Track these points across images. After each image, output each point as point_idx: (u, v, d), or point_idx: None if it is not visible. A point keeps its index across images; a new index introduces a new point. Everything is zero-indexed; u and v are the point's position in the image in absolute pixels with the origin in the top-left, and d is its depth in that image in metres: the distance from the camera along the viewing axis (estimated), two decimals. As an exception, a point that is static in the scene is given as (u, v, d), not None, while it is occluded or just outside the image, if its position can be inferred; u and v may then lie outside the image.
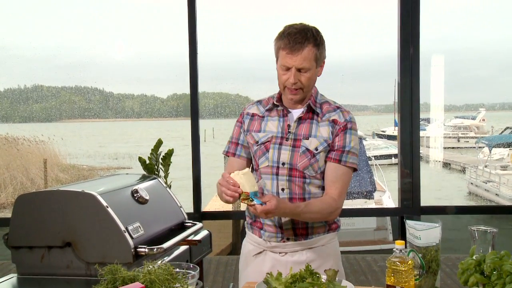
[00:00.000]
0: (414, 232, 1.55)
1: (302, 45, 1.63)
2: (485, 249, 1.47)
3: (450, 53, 15.85)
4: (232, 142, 1.86)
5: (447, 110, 16.74)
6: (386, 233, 8.25)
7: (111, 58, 19.33)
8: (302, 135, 1.74)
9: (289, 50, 1.64)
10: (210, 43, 3.37)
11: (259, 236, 1.82)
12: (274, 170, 1.75)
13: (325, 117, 1.75)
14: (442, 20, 12.99)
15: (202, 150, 3.02)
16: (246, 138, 1.82)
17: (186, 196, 2.50)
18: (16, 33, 16.49)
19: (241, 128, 1.85)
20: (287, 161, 1.73)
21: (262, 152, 1.76)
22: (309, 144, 1.73)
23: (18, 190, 9.92)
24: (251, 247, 1.85)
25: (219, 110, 11.38)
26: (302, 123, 1.75)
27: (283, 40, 1.65)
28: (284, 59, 1.66)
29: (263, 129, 1.78)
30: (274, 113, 1.80)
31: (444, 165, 15.68)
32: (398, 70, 2.95)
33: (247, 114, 1.84)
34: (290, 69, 1.66)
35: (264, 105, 1.82)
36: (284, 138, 1.75)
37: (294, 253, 1.78)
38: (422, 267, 1.53)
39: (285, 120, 1.77)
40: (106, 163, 15.58)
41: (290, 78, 1.66)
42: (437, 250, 1.54)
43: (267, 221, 1.78)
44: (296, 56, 1.64)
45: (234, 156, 1.84)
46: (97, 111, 15.51)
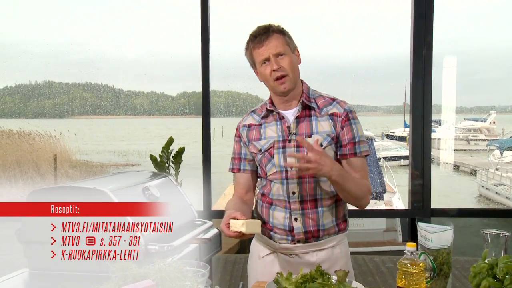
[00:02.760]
0: (426, 234, 1.54)
1: (267, 35, 1.69)
2: (497, 253, 1.46)
3: (462, 55, 15.69)
4: (235, 158, 1.86)
5: (457, 112, 16.60)
6: (395, 234, 8.20)
7: (122, 55, 19.41)
8: (304, 134, 1.73)
9: (259, 43, 1.69)
10: (222, 41, 3.36)
11: (269, 237, 1.81)
12: (283, 175, 1.74)
13: (324, 112, 1.74)
14: (455, 21, 12.89)
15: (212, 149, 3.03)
16: (248, 149, 1.81)
17: (196, 194, 2.50)
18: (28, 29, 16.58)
19: (240, 142, 1.85)
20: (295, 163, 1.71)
21: (267, 159, 1.76)
22: (313, 142, 1.71)
23: (29, 185, 10.00)
24: (261, 248, 1.85)
25: (230, 109, 11.38)
26: (301, 121, 1.74)
27: (251, 42, 1.71)
28: (259, 55, 1.70)
29: (263, 137, 1.78)
30: (270, 118, 1.79)
31: (454, 167, 15.57)
32: (410, 71, 2.93)
33: (243, 126, 1.84)
34: (269, 59, 1.68)
35: (259, 114, 1.82)
36: (287, 141, 1.74)
37: (304, 255, 1.78)
38: (433, 269, 1.52)
39: (283, 123, 1.75)
40: (115, 160, 15.61)
41: (272, 65, 1.68)
42: (448, 253, 1.54)
43: (277, 225, 1.78)
44: (266, 45, 1.68)
45: (239, 172, 1.85)
46: (109, 108, 15.58)
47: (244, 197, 1.85)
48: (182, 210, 2.09)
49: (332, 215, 1.78)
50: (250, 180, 1.85)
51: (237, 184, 1.87)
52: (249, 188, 1.86)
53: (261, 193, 1.84)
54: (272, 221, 1.79)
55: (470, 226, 4.24)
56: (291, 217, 1.75)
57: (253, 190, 1.88)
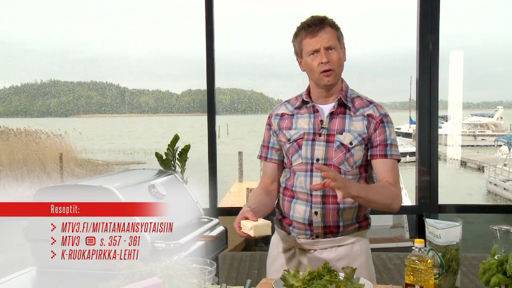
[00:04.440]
0: (434, 230, 1.53)
1: (322, 26, 1.68)
2: (507, 249, 1.44)
3: (469, 50, 15.56)
4: (264, 146, 1.89)
5: (464, 108, 16.49)
6: (402, 231, 8.18)
7: (127, 53, 19.42)
8: (335, 130, 1.74)
9: (311, 34, 1.68)
10: (227, 39, 3.36)
11: (288, 232, 1.81)
12: (308, 167, 1.74)
13: (359, 112, 1.76)
14: (461, 16, 12.77)
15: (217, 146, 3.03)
16: (278, 138, 1.82)
17: (202, 192, 2.50)
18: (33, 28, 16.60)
19: (270, 131, 1.85)
20: (322, 157, 1.73)
21: (294, 149, 1.76)
22: (344, 139, 1.73)
23: (35, 184, 10.04)
24: (280, 243, 1.85)
25: (235, 106, 11.37)
26: (335, 118, 1.75)
27: (303, 31, 1.70)
28: (309, 45, 1.69)
29: (294, 127, 1.78)
30: (303, 110, 1.79)
31: (461, 163, 15.48)
32: (417, 66, 2.90)
33: (276, 115, 1.84)
34: (318, 51, 1.68)
35: (293, 104, 1.83)
36: (317, 134, 1.74)
37: (323, 251, 1.77)
38: (441, 266, 1.51)
39: (316, 116, 1.76)
40: (121, 158, 15.64)
41: (322, 57, 1.68)
42: (457, 249, 1.53)
43: (296, 218, 1.78)
44: (320, 37, 1.68)
45: (266, 160, 1.87)
46: (114, 106, 15.60)
47: (269, 187, 1.86)
48: (188, 207, 2.08)
49: (354, 213, 1.78)
50: (276, 170, 1.86)
51: (263, 173, 1.89)
52: (274, 178, 1.87)
53: (284, 187, 1.84)
54: (293, 214, 1.79)
55: (477, 222, 4.21)
56: (311, 210, 1.75)
57: (279, 180, 1.88)
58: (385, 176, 1.75)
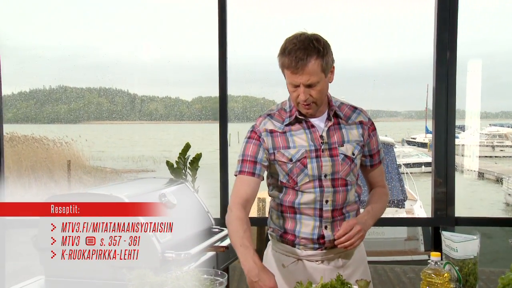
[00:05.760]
0: (451, 244, 1.49)
1: (305, 61, 1.57)
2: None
3: (487, 57, 15.30)
4: (248, 161, 1.71)
5: (482, 118, 16.24)
6: (417, 243, 8.03)
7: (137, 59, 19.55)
8: (336, 142, 1.71)
9: (293, 69, 1.59)
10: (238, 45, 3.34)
11: (292, 246, 1.77)
12: (317, 183, 1.71)
13: (351, 120, 1.75)
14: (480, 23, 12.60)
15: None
16: (274, 157, 1.72)
17: (213, 201, 2.48)
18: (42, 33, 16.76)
19: (259, 146, 1.72)
20: (329, 172, 1.70)
21: (299, 169, 1.70)
22: (346, 151, 1.71)
23: (42, 191, 10.06)
24: (283, 257, 1.80)
25: (247, 114, 11.35)
26: (331, 130, 1.72)
27: (286, 59, 1.60)
28: (290, 78, 1.62)
29: (292, 145, 1.71)
30: (296, 126, 1.73)
31: (478, 174, 15.22)
32: (434, 75, 2.85)
33: (265, 131, 1.73)
34: (299, 86, 1.62)
35: (279, 120, 1.74)
36: (320, 150, 1.70)
37: (331, 260, 1.76)
38: (459, 280, 1.47)
39: (313, 132, 1.71)
40: (130, 166, 15.57)
41: (301, 95, 1.62)
42: (475, 263, 1.49)
43: (303, 234, 1.74)
44: (301, 75, 1.59)
45: (253, 176, 1.70)
46: (124, 113, 15.66)
47: (247, 207, 1.71)
48: (199, 217, 2.07)
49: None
50: (257, 187, 1.74)
51: (242, 190, 1.70)
52: (254, 195, 1.73)
53: (279, 203, 1.77)
54: (299, 230, 1.74)
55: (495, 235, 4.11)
56: (321, 225, 1.73)
57: (255, 197, 1.76)
58: (379, 181, 1.85)
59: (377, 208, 1.78)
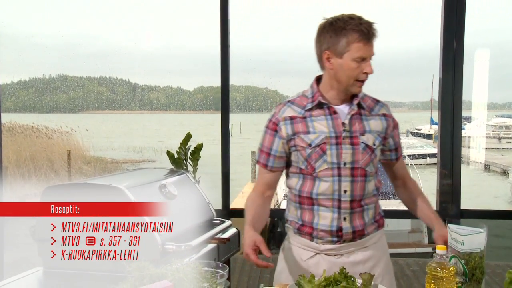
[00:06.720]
0: (457, 237, 1.46)
1: (373, 35, 1.64)
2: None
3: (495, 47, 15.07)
4: (263, 151, 1.76)
5: (489, 109, 16.08)
6: (421, 236, 8.02)
7: (138, 48, 19.42)
8: (357, 131, 1.69)
9: (366, 40, 1.61)
10: (241, 34, 3.29)
11: (310, 239, 1.75)
12: (335, 172, 1.68)
13: (374, 112, 1.74)
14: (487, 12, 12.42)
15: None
16: (293, 142, 1.71)
17: (214, 192, 2.45)
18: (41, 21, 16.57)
19: (275, 136, 1.73)
20: (349, 160, 1.67)
21: (318, 154, 1.68)
22: (367, 140, 1.69)
23: (42, 181, 10.05)
24: (301, 251, 1.77)
25: (249, 104, 11.31)
26: (354, 119, 1.70)
27: (357, 33, 1.61)
28: (359, 51, 1.61)
29: (312, 131, 1.69)
30: (317, 112, 1.70)
31: (484, 166, 15.15)
32: (440, 65, 2.81)
33: (284, 119, 1.72)
34: (365, 59, 1.63)
35: (299, 105, 1.73)
36: (340, 137, 1.67)
37: (350, 254, 1.73)
38: (465, 274, 1.44)
39: (335, 118, 1.69)
40: (130, 156, 15.48)
41: (368, 67, 1.64)
42: (481, 257, 1.46)
43: (322, 226, 1.71)
44: (370, 46, 1.64)
45: (265, 168, 1.76)
46: (125, 103, 15.62)
47: (266, 193, 1.79)
48: (200, 208, 2.05)
49: (373, 213, 1.77)
50: (274, 177, 1.78)
51: (260, 179, 1.79)
52: (271, 185, 1.80)
53: (297, 194, 1.75)
54: (317, 222, 1.71)
55: (501, 228, 4.06)
56: (340, 216, 1.69)
57: (276, 186, 1.82)
58: (405, 173, 1.88)
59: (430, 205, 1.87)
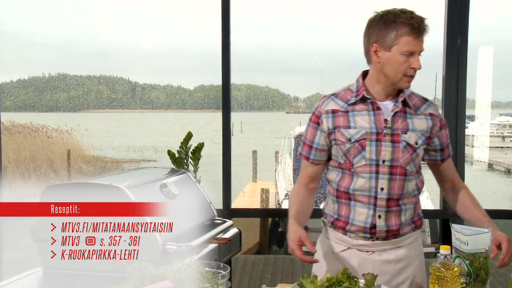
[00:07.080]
0: (461, 237, 1.45)
1: (424, 30, 1.62)
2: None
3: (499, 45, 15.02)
4: (305, 144, 1.78)
5: (492, 107, 16.00)
6: (423, 235, 7.98)
7: (138, 46, 19.37)
8: (399, 129, 1.67)
9: (416, 34, 1.60)
10: (242, 33, 3.29)
11: (343, 233, 1.75)
12: (373, 169, 1.66)
13: (420, 111, 1.71)
14: (491, 9, 12.36)
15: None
16: (334, 136, 1.71)
17: (215, 192, 2.44)
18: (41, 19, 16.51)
19: (317, 129, 1.74)
20: (388, 158, 1.66)
21: (357, 150, 1.67)
22: (409, 139, 1.67)
23: (41, 181, 10.05)
24: (334, 244, 1.77)
25: (251, 103, 11.29)
26: (397, 116, 1.67)
27: (408, 27, 1.60)
28: (409, 45, 1.60)
29: (353, 125, 1.68)
30: (360, 106, 1.69)
31: (488, 165, 15.08)
32: (443, 63, 2.79)
33: (326, 112, 1.71)
34: (414, 54, 1.61)
35: (343, 99, 1.72)
36: (381, 134, 1.66)
37: (382, 252, 1.72)
38: (469, 275, 1.43)
39: (378, 114, 1.67)
40: (131, 155, 15.45)
41: (416, 63, 1.62)
42: (486, 257, 1.45)
43: (357, 222, 1.71)
44: (420, 41, 1.62)
45: (307, 160, 1.78)
46: (125, 102, 15.60)
47: (309, 185, 1.81)
48: (201, 208, 2.04)
49: (412, 213, 1.75)
50: (317, 170, 1.79)
51: (304, 171, 1.81)
52: (315, 178, 1.81)
53: (335, 188, 1.75)
54: (353, 217, 1.71)
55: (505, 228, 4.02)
56: (375, 214, 1.68)
57: (319, 179, 1.83)
58: (453, 174, 1.84)
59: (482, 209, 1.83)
